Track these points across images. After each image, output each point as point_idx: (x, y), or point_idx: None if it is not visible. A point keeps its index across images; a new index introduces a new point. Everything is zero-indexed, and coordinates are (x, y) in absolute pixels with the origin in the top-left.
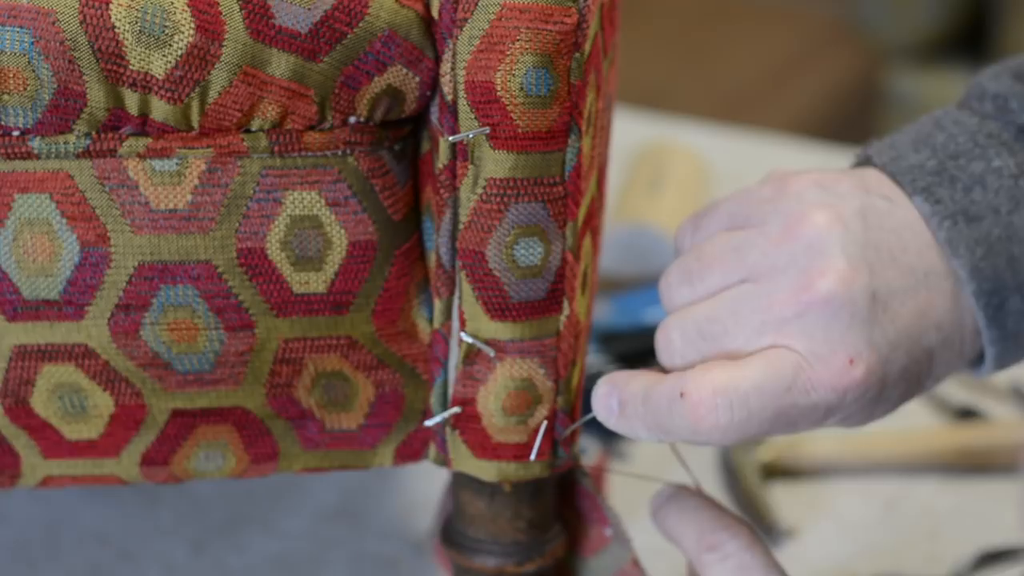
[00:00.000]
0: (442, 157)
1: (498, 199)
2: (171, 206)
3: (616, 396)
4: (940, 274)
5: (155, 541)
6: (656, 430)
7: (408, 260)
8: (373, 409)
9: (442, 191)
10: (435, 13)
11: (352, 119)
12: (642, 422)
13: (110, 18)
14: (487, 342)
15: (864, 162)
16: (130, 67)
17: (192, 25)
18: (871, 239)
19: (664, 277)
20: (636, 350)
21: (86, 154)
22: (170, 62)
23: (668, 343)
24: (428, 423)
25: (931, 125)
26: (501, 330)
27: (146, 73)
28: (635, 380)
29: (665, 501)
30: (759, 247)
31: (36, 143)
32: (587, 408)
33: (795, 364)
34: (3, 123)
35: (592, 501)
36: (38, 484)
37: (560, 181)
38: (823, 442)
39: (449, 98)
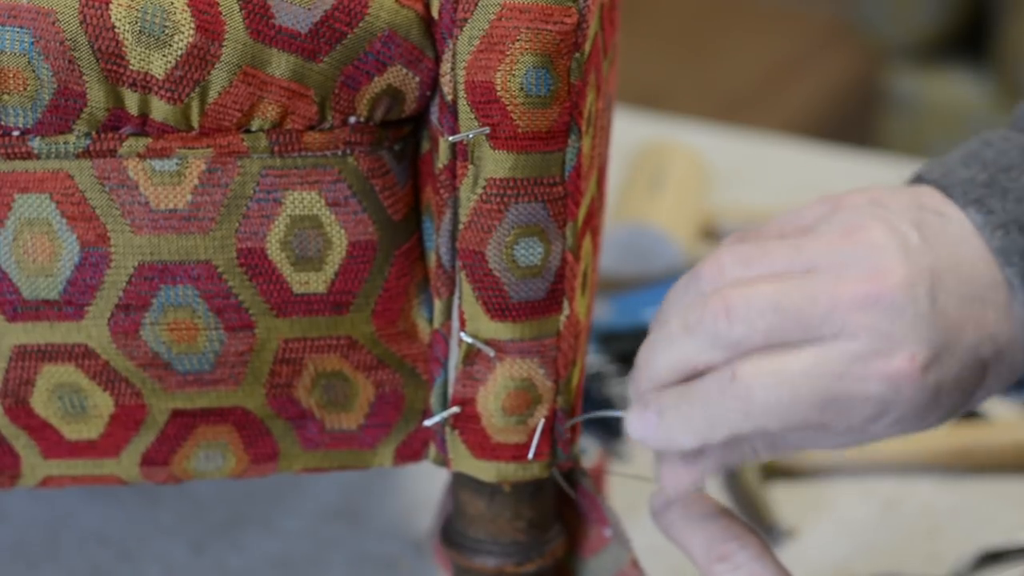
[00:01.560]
0: (442, 157)
1: (498, 199)
2: (171, 206)
3: (653, 407)
4: (994, 286)
5: (155, 541)
6: (704, 422)
7: (408, 260)
8: (373, 409)
9: (442, 191)
10: (435, 13)
11: (352, 119)
12: (687, 420)
13: (110, 18)
14: (487, 342)
15: (916, 180)
16: (130, 67)
17: (192, 25)
18: (928, 248)
19: (714, 259)
20: (636, 350)
21: (86, 154)
22: (170, 62)
23: (730, 311)
24: (427, 423)
25: (979, 143)
26: (501, 330)
27: (146, 73)
28: (666, 391)
29: (670, 507)
30: (821, 245)
31: (36, 143)
32: (587, 408)
33: (851, 353)
34: (3, 123)
35: (592, 501)
36: (38, 484)
37: (560, 181)
38: None
39: (449, 98)
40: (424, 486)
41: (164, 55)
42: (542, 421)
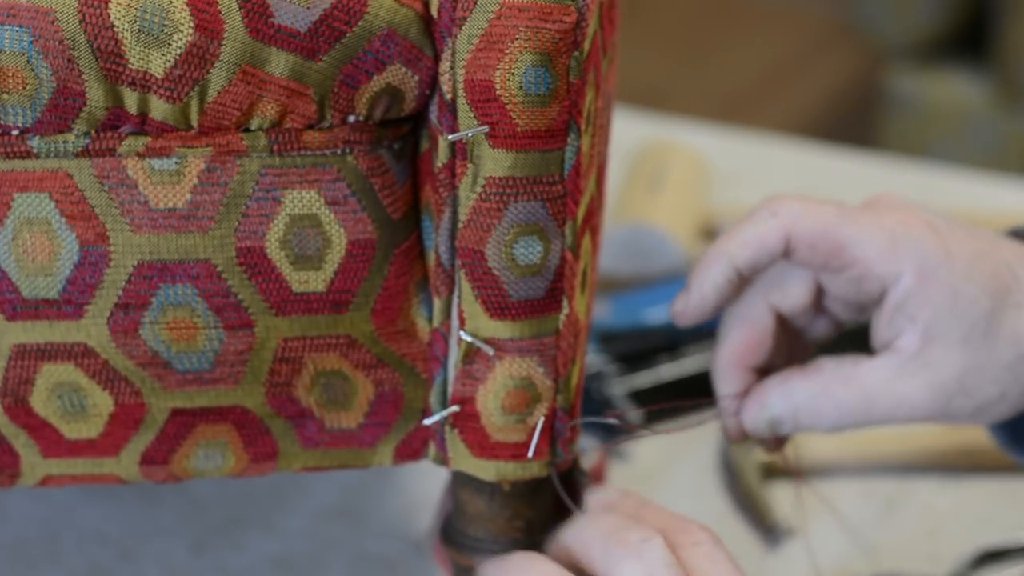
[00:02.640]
0: (441, 156)
1: (497, 198)
2: (170, 205)
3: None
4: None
5: (155, 541)
6: (738, 231)
7: (407, 259)
8: (372, 408)
9: (441, 190)
10: (434, 12)
11: (351, 118)
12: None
13: (109, 17)
14: (486, 341)
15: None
16: (129, 66)
17: (191, 24)
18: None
19: None
20: (636, 350)
21: (85, 153)
22: (169, 61)
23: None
24: (427, 422)
25: None
26: (500, 329)
27: (145, 72)
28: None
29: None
30: None
31: (35, 142)
32: (587, 408)
33: (869, 208)
34: (2, 122)
35: None
36: (38, 483)
37: (559, 180)
38: (823, 442)
39: (448, 97)
40: (424, 486)
41: (163, 54)
42: (541, 420)
